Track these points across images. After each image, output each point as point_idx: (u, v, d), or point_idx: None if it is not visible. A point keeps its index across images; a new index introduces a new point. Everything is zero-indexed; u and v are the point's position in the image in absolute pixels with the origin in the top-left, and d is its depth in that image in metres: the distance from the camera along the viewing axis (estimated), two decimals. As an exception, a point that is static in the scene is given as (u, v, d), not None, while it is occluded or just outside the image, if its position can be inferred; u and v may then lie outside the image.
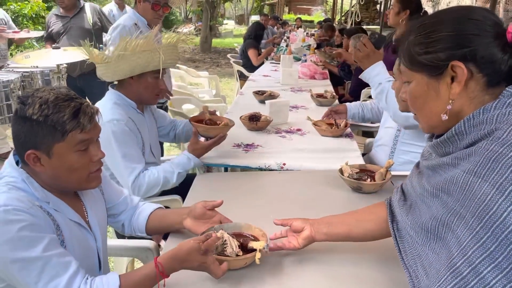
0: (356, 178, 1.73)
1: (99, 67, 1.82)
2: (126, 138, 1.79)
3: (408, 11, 2.97)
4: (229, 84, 8.32)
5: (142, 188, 1.79)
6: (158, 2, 2.74)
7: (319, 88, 3.67)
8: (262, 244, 1.20)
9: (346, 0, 24.35)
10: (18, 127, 1.06)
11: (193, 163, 1.91)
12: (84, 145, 1.11)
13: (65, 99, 1.07)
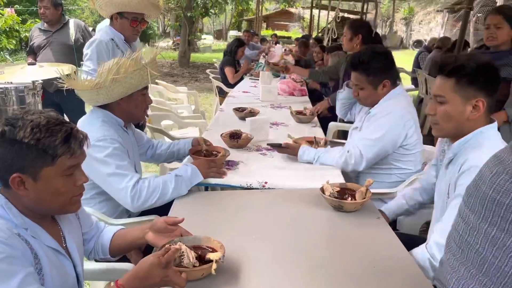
0: (337, 197, 1.74)
1: (87, 93, 1.76)
2: (119, 152, 1.76)
3: (360, 36, 3.10)
4: (207, 99, 8.32)
5: (142, 194, 1.73)
6: (135, 18, 2.73)
7: (298, 104, 3.71)
8: (219, 255, 1.23)
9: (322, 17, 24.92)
10: (4, 150, 1.04)
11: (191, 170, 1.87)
12: (71, 170, 1.10)
13: (56, 123, 1.06)
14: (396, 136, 2.15)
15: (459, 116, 1.47)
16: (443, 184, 1.59)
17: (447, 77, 1.47)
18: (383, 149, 2.16)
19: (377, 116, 2.19)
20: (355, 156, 2.15)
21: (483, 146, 1.43)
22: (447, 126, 1.51)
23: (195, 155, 2.14)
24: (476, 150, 1.43)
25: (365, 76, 2.18)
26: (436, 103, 1.51)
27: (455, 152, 1.52)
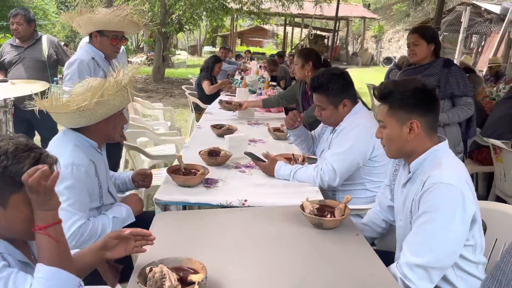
0: (317, 214, 1.76)
1: (66, 116, 1.68)
2: (80, 185, 1.70)
3: (311, 63, 3.30)
4: (183, 115, 8.28)
5: (81, 238, 1.68)
6: (116, 36, 2.71)
7: (275, 121, 3.74)
8: (201, 276, 1.22)
9: (295, 34, 25.38)
10: None
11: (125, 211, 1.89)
12: None
13: (24, 149, 1.06)
14: (364, 147, 2.22)
15: (398, 139, 1.56)
16: (402, 203, 1.65)
17: (382, 103, 1.58)
18: (354, 160, 2.22)
19: (345, 130, 2.27)
20: (328, 172, 2.20)
21: (442, 163, 1.50)
22: (392, 148, 1.61)
23: (174, 174, 2.12)
24: (436, 168, 1.49)
25: (326, 97, 2.28)
26: (381, 128, 1.63)
27: (413, 171, 1.59)
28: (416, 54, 2.93)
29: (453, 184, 1.42)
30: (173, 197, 1.98)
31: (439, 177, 1.44)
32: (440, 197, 1.43)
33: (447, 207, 1.42)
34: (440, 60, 2.94)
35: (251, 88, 5.61)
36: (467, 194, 1.44)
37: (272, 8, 15.64)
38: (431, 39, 2.90)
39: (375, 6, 29.02)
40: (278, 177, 2.27)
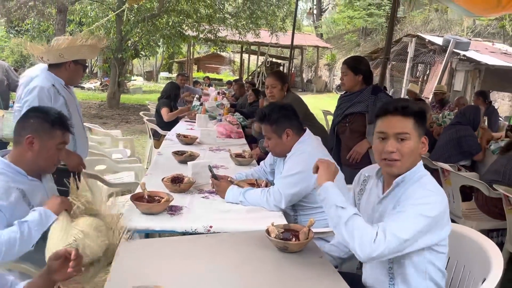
0: (282, 238, 1.80)
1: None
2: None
3: (287, 85, 3.66)
4: (139, 141, 8.14)
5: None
6: (85, 64, 2.79)
7: (236, 147, 3.79)
8: None
9: (252, 61, 25.87)
10: None
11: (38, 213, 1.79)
12: None
13: None
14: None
15: (417, 151, 1.64)
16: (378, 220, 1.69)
17: (406, 117, 1.62)
18: (302, 184, 2.30)
19: (292, 156, 2.39)
20: (274, 194, 2.28)
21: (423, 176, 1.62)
22: (410, 160, 1.63)
23: (137, 201, 2.10)
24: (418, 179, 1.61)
25: (269, 126, 2.44)
26: (398, 141, 1.62)
27: (396, 185, 1.65)
28: (344, 84, 3.24)
29: (437, 193, 1.56)
30: (137, 225, 1.96)
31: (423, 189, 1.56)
32: (426, 192, 1.54)
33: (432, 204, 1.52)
34: (369, 88, 3.19)
35: (211, 114, 5.65)
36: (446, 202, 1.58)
37: (229, 36, 15.92)
38: (357, 70, 3.17)
39: (327, 36, 30.22)
40: (228, 199, 2.34)
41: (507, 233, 3.09)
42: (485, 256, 1.71)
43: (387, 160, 1.63)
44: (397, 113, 1.62)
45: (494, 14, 6.81)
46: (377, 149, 1.67)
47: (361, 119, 3.16)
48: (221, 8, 14.52)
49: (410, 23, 20.54)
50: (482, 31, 16.35)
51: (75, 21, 13.56)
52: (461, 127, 4.20)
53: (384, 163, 1.66)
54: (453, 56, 11.18)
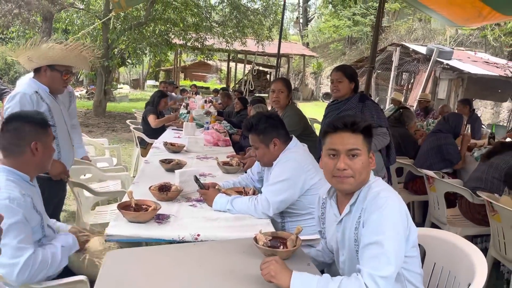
0: (270, 246, 1.80)
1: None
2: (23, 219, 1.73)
3: (291, 94, 3.72)
4: (126, 149, 8.08)
5: (35, 267, 1.72)
6: (67, 71, 2.69)
7: (223, 155, 3.79)
8: None
9: (239, 69, 25.97)
10: None
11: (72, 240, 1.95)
12: None
13: None
14: (298, 179, 2.35)
15: (368, 166, 1.65)
16: (341, 238, 1.72)
17: (354, 133, 1.63)
18: (289, 191, 2.32)
19: (279, 164, 2.41)
20: (261, 202, 2.29)
21: (373, 188, 1.62)
22: (362, 177, 1.64)
23: (124, 210, 2.09)
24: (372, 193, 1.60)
25: (257, 136, 2.45)
26: (349, 157, 1.62)
27: (351, 203, 1.66)
28: (339, 90, 3.23)
29: (392, 200, 1.55)
30: (124, 234, 1.94)
31: (379, 200, 1.55)
32: (386, 213, 1.51)
33: (394, 220, 1.51)
34: (356, 96, 3.23)
35: (198, 122, 5.64)
36: (403, 206, 1.57)
37: (216, 44, 15.98)
38: (352, 78, 3.21)
39: (314, 44, 30.51)
40: (215, 207, 2.33)
41: (491, 239, 3.14)
42: (469, 262, 1.74)
43: (340, 177, 1.62)
44: (346, 130, 1.63)
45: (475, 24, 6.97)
46: (328, 166, 1.65)
47: None
48: (207, 17, 14.58)
49: (394, 32, 20.86)
50: (464, 41, 16.69)
51: (61, 29, 13.48)
52: (441, 135, 4.27)
53: (336, 180, 1.65)
54: (437, 65, 11.38)
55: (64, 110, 2.83)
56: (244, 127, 2.53)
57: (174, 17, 13.50)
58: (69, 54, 2.60)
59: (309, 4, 34.29)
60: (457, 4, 4.53)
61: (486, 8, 4.27)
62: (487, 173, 3.47)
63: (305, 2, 33.46)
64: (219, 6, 15.13)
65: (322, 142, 1.71)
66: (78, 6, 12.80)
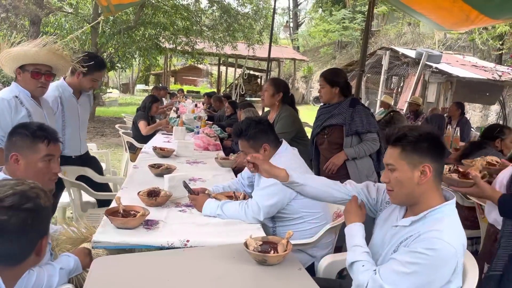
0: (261, 251, 1.78)
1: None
2: None
3: (281, 94, 3.58)
4: (115, 154, 8.01)
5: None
6: (38, 70, 2.56)
7: (213, 160, 3.76)
8: None
9: (229, 73, 25.96)
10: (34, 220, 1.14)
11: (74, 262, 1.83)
12: None
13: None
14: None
15: (409, 182, 1.56)
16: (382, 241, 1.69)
17: (393, 147, 1.60)
18: (279, 195, 2.30)
19: None
20: (251, 207, 2.27)
21: (444, 220, 1.52)
22: (402, 191, 1.59)
23: (112, 216, 2.05)
24: (438, 223, 1.50)
25: (246, 142, 2.43)
26: (388, 171, 1.61)
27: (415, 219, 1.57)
28: (321, 96, 3.28)
29: (451, 244, 1.43)
30: (112, 240, 1.91)
31: (439, 233, 1.45)
32: (435, 252, 1.42)
33: (439, 263, 1.43)
34: (347, 100, 3.22)
35: (189, 127, 5.61)
36: (461, 258, 1.48)
37: (206, 48, 15.96)
38: (334, 83, 3.20)
39: (304, 48, 30.64)
40: (205, 212, 2.30)
41: (481, 241, 3.14)
42: (460, 265, 1.73)
43: (387, 189, 1.66)
44: (388, 143, 1.63)
45: (463, 28, 7.05)
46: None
47: (339, 131, 3.18)
48: (198, 21, 14.56)
49: (384, 36, 21.04)
50: (453, 44, 16.88)
51: (49, 33, 13.36)
52: None
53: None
54: (426, 68, 11.48)
55: (48, 115, 2.75)
56: (234, 132, 2.50)
57: (164, 21, 13.45)
58: (36, 51, 2.47)
59: (299, 8, 34.49)
60: (445, 8, 4.56)
61: (474, 12, 4.31)
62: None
63: (295, 7, 33.64)
64: (209, 10, 15.12)
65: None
66: (66, 10, 12.70)
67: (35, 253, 1.19)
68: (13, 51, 2.46)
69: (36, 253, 1.19)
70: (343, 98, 3.23)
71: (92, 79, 3.17)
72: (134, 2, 7.60)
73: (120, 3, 4.59)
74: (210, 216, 2.28)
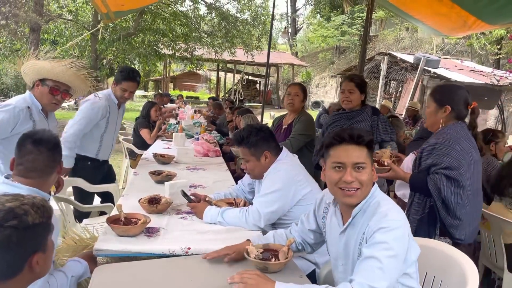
0: (262, 258, 1.79)
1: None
2: None
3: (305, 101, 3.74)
4: (115, 161, 8.00)
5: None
6: (57, 87, 2.62)
7: (213, 166, 3.77)
8: None
9: (228, 79, 26.02)
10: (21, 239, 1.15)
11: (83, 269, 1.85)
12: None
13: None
14: (289, 190, 2.34)
15: (372, 179, 1.65)
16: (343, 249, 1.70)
17: (359, 145, 1.62)
18: (280, 202, 2.31)
19: (269, 175, 2.40)
20: (252, 213, 2.28)
21: (381, 204, 1.59)
22: (368, 189, 1.64)
23: (113, 224, 2.05)
24: (378, 209, 1.58)
25: (248, 149, 2.43)
26: (354, 171, 1.61)
27: (354, 215, 1.64)
28: (351, 102, 3.18)
29: (398, 219, 1.54)
30: (113, 248, 1.91)
31: (384, 215, 1.54)
32: (389, 235, 1.49)
33: (395, 243, 1.49)
34: (369, 108, 3.21)
35: (188, 133, 5.62)
36: (407, 226, 1.57)
37: (205, 54, 16.01)
38: (363, 90, 3.18)
39: (302, 54, 30.73)
40: (206, 219, 2.30)
41: (482, 247, 3.15)
42: (461, 271, 1.74)
43: (346, 190, 1.62)
44: (352, 142, 1.63)
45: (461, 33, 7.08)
46: (333, 178, 1.64)
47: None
48: (197, 27, 14.63)
49: (382, 41, 21.12)
50: (451, 49, 16.96)
51: (49, 40, 13.40)
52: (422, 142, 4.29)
53: (342, 193, 1.64)
54: (424, 73, 11.52)
55: (52, 129, 2.76)
56: (235, 140, 2.50)
57: (163, 27, 13.52)
58: (61, 70, 2.55)
59: (297, 14, 34.65)
60: (442, 14, 4.59)
61: (471, 17, 4.34)
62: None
63: (294, 12, 33.79)
64: (208, 17, 15.19)
65: (325, 154, 1.70)
66: (66, 17, 12.75)
67: (28, 269, 1.19)
68: (39, 63, 2.51)
69: (30, 269, 1.19)
70: (364, 105, 3.22)
71: (121, 89, 3.42)
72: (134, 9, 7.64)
73: (119, 10, 4.61)
74: (211, 223, 2.29)
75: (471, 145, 2.29)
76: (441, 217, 2.24)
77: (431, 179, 2.24)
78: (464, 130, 2.34)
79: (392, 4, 5.25)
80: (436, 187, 2.21)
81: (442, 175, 2.21)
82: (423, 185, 2.25)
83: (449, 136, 2.28)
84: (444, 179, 2.20)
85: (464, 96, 2.38)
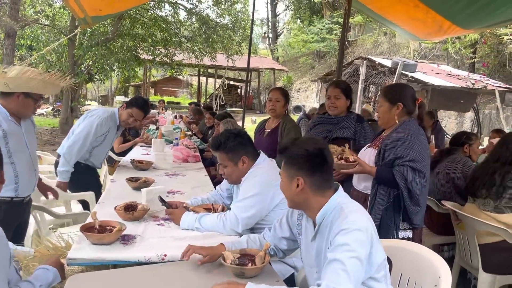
0: (238, 263, 1.78)
1: None
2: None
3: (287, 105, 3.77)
4: (94, 167, 7.87)
5: None
6: (41, 98, 2.66)
7: (193, 171, 3.75)
8: None
9: (209, 84, 25.96)
10: None
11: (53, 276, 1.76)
12: None
13: None
14: (266, 194, 2.34)
15: (288, 191, 1.71)
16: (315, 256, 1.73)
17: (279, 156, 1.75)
18: (257, 207, 2.31)
19: (246, 181, 2.40)
20: (230, 218, 2.28)
21: (344, 209, 1.62)
22: (286, 197, 1.75)
23: (88, 232, 2.02)
24: (340, 215, 1.60)
25: (225, 154, 2.43)
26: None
27: (318, 223, 1.68)
28: (336, 108, 3.18)
29: (360, 223, 1.55)
30: (87, 257, 1.88)
31: (346, 223, 1.55)
32: (349, 237, 1.51)
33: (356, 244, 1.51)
34: (354, 115, 3.24)
35: (167, 138, 5.57)
36: (371, 227, 1.58)
37: (186, 60, 15.94)
38: (349, 95, 3.20)
39: (283, 59, 30.90)
40: (183, 226, 2.30)
41: (456, 248, 3.21)
42: (435, 271, 1.77)
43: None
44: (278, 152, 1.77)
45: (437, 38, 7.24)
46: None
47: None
48: (177, 32, 14.56)
49: (361, 46, 21.39)
50: (427, 54, 17.29)
51: (25, 46, 13.16)
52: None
53: None
54: (402, 77, 11.70)
55: (28, 135, 2.70)
56: (212, 145, 2.49)
57: (142, 32, 13.42)
58: (48, 86, 2.60)
59: (278, 19, 34.86)
60: (418, 19, 4.69)
61: (446, 22, 4.45)
62: (436, 184, 3.56)
63: (274, 17, 33.97)
64: (188, 22, 15.15)
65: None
66: (43, 22, 12.54)
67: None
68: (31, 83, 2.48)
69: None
70: (348, 112, 3.23)
71: (129, 113, 3.62)
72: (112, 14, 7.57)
73: (97, 15, 4.56)
74: (188, 229, 2.27)
75: (425, 140, 2.49)
76: (405, 205, 2.38)
77: (397, 171, 2.37)
78: (418, 126, 2.52)
79: (370, 9, 5.34)
80: (403, 178, 2.35)
81: (408, 167, 2.35)
82: (390, 177, 2.38)
83: (410, 132, 2.43)
84: (410, 171, 2.35)
85: (412, 93, 2.59)
